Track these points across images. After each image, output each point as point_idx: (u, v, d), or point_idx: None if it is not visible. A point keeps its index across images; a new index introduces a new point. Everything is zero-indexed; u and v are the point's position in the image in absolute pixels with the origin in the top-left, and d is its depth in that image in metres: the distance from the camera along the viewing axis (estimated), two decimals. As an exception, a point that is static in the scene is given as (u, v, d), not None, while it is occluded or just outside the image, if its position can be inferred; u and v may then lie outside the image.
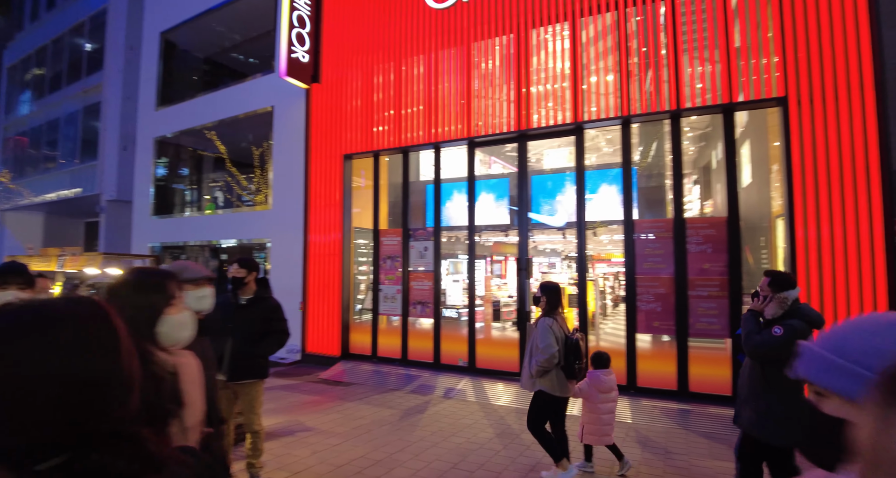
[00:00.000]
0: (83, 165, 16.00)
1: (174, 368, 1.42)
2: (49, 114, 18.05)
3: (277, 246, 9.07)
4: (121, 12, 14.89)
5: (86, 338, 0.62)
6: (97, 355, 0.61)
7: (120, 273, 1.80)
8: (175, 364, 1.41)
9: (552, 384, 3.47)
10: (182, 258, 11.93)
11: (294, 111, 8.85)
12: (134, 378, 0.65)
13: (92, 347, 0.62)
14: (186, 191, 13.13)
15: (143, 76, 12.66)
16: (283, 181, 9.07)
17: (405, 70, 7.50)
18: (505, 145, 7.26)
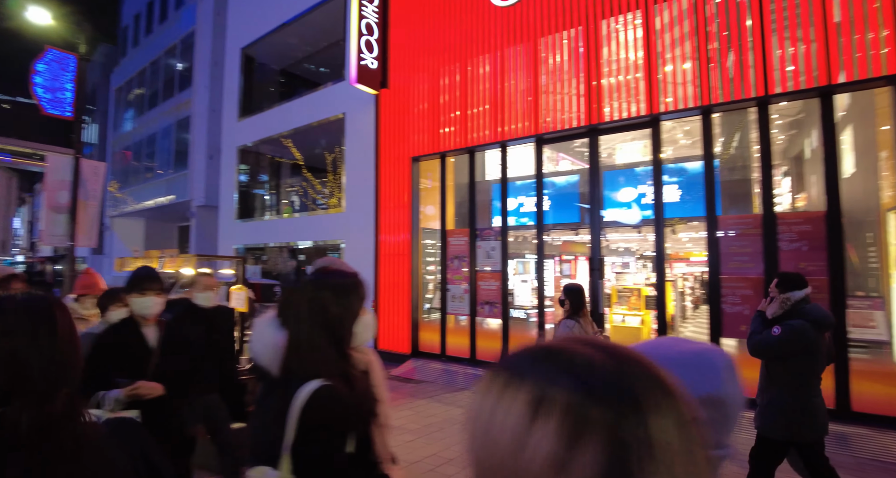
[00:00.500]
0: (176, 173, 17.51)
1: (366, 366, 1.47)
2: (148, 129, 19.93)
3: (350, 247, 9.41)
4: (206, 33, 16.13)
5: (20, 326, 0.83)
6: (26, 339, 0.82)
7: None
8: (366, 363, 1.45)
9: None
10: (264, 259, 12.71)
11: (364, 117, 9.14)
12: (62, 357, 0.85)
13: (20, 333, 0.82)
14: (266, 196, 13.97)
15: (227, 90, 13.62)
16: (354, 185, 9.40)
17: (471, 70, 7.51)
18: (574, 141, 7.06)
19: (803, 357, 2.70)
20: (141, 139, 20.55)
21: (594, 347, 0.45)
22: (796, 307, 2.76)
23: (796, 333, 2.65)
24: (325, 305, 1.30)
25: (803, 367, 2.72)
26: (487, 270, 7.35)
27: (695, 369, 0.66)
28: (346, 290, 1.36)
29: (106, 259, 22.91)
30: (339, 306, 1.31)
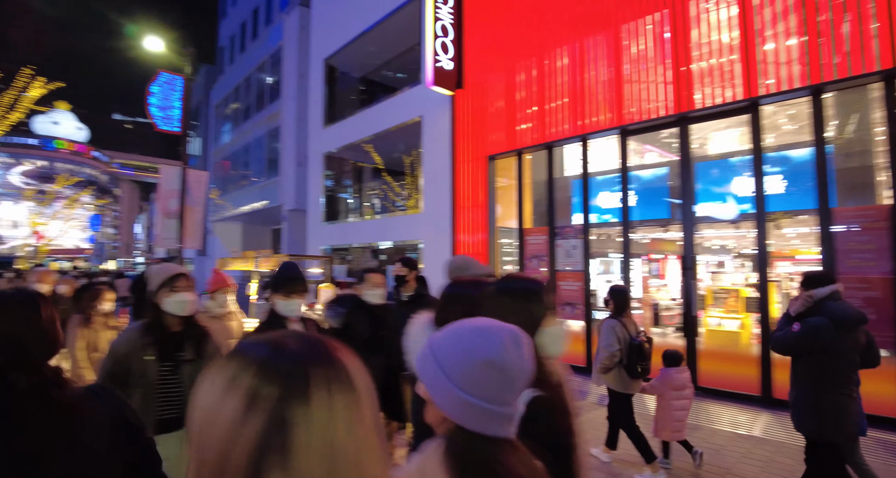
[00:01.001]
0: (269, 180, 18.82)
1: (559, 378, 1.35)
2: (243, 140, 21.63)
3: (429, 247, 9.56)
4: (292, 47, 17.17)
5: (17, 313, 1.07)
6: (24, 323, 1.07)
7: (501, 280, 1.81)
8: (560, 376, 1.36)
9: (615, 381, 3.73)
10: (348, 259, 13.29)
11: (440, 119, 9.25)
12: (48, 336, 1.10)
13: (19, 319, 1.07)
14: (350, 199, 14.61)
15: (312, 100, 14.41)
16: (431, 186, 9.54)
17: (548, 64, 7.33)
18: (661, 131, 6.64)
19: (823, 355, 2.69)
20: (237, 150, 22.36)
21: (298, 338, 0.57)
22: (820, 305, 2.72)
23: (812, 330, 2.65)
24: (503, 311, 1.19)
25: (824, 365, 2.69)
26: (568, 269, 7.12)
27: (480, 336, 0.85)
28: (527, 296, 1.29)
29: (209, 260, 25.18)
30: (520, 314, 1.23)
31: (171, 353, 2.21)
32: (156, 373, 2.13)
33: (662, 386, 3.80)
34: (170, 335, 2.23)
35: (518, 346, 0.86)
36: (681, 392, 3.78)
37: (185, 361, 2.21)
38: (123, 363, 2.11)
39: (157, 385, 2.13)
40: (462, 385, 0.82)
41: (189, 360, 2.22)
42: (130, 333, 2.20)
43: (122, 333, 2.26)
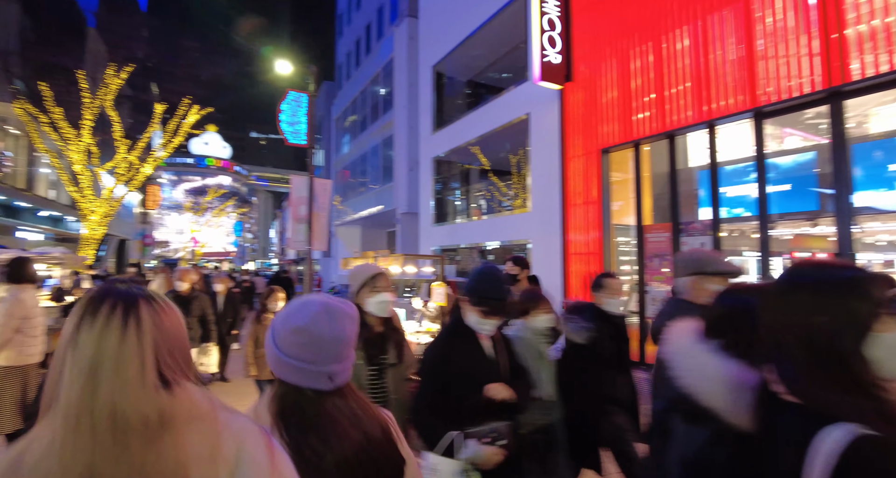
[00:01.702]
0: (383, 186, 19.91)
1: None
2: (361, 150, 23.15)
3: (537, 247, 9.40)
4: (402, 57, 17.98)
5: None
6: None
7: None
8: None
9: None
10: (457, 259, 13.56)
11: (548, 114, 9.05)
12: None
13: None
14: (457, 201, 14.91)
15: (422, 107, 14.97)
16: (539, 184, 9.37)
17: (666, 48, 6.80)
18: (805, 111, 5.81)
19: None
20: (355, 159, 23.99)
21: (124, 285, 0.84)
22: None
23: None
24: (803, 311, 0.89)
25: None
26: (694, 268, 6.52)
27: (297, 307, 1.08)
28: (835, 290, 0.88)
29: (333, 261, 27.32)
30: (825, 314, 0.86)
31: (376, 356, 2.13)
32: (365, 377, 2.07)
33: None
34: (374, 337, 2.15)
35: (330, 317, 1.07)
36: None
37: (388, 365, 2.14)
38: None
39: (367, 390, 2.06)
40: (280, 347, 1.06)
41: (392, 364, 2.15)
42: None
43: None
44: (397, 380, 2.18)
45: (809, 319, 0.86)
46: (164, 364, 0.77)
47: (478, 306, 1.99)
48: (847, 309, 0.86)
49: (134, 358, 0.73)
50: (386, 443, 1.12)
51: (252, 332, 3.92)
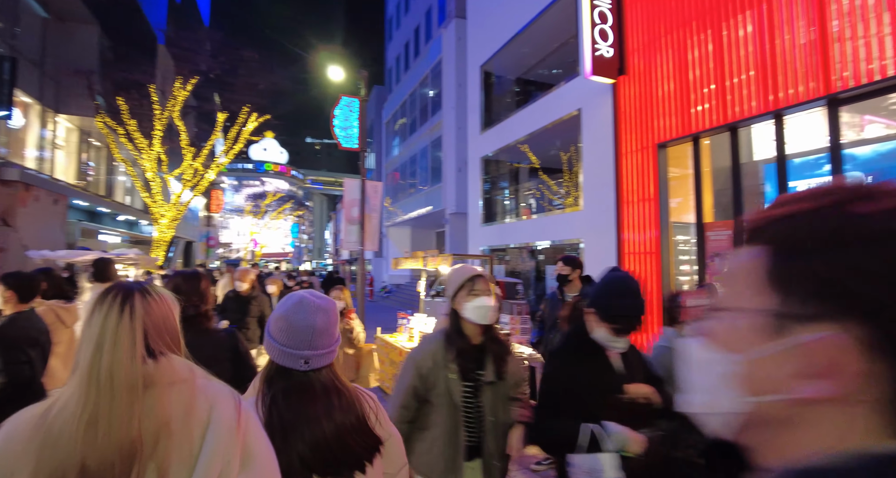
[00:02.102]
0: (432, 187, 20.07)
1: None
2: (410, 152, 23.45)
3: (590, 246, 9.15)
4: (450, 58, 18.06)
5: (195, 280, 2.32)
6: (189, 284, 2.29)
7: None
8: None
9: None
10: (506, 259, 13.45)
11: (600, 110, 8.80)
12: (202, 294, 2.30)
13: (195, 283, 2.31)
14: (506, 201, 14.80)
15: (470, 107, 14.96)
16: (592, 182, 9.12)
17: (727, 35, 6.44)
18: (889, 96, 5.32)
19: None
20: (405, 161, 24.34)
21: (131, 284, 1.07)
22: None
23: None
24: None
25: None
26: (761, 268, 6.13)
27: (283, 301, 1.34)
28: None
29: (384, 261, 27.83)
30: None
31: (472, 371, 1.90)
32: (459, 394, 1.86)
33: None
34: (470, 349, 1.91)
35: (304, 309, 1.28)
36: None
37: (485, 382, 1.91)
38: (429, 380, 1.86)
39: (461, 409, 1.87)
40: (269, 331, 1.29)
41: (489, 382, 1.92)
42: (432, 344, 1.94)
43: (422, 344, 2.01)
44: (496, 399, 1.93)
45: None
46: (151, 341, 1.01)
47: (607, 323, 1.76)
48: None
49: (126, 336, 0.97)
50: (358, 426, 1.29)
51: None
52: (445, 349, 1.88)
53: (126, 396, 0.94)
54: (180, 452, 0.96)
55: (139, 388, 0.95)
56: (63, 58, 16.66)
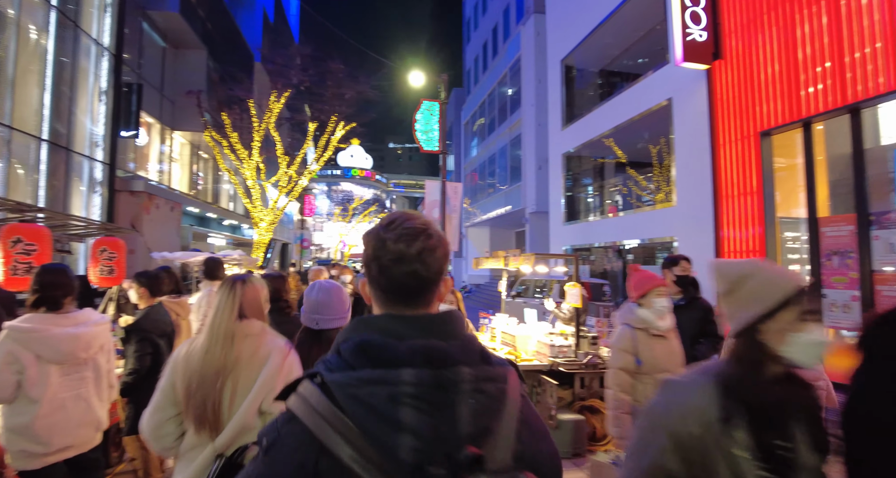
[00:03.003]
0: (511, 186, 19.90)
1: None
2: (489, 152, 23.45)
3: (684, 244, 8.57)
4: (529, 55, 17.79)
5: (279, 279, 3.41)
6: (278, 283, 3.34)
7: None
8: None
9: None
10: (591, 259, 12.98)
11: (693, 98, 8.21)
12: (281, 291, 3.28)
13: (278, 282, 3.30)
14: (590, 198, 14.28)
15: (550, 103, 14.63)
16: (686, 175, 8.54)
17: (845, 5, 5.73)
18: None
19: None
20: (484, 161, 24.37)
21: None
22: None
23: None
24: None
25: None
26: (892, 270, 5.38)
27: (310, 285, 2.41)
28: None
29: (464, 261, 28.06)
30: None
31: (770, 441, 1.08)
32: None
33: None
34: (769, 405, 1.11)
35: (318, 290, 2.14)
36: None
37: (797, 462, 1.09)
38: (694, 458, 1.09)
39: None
40: (302, 305, 2.15)
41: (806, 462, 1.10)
42: (695, 395, 1.14)
43: (671, 393, 1.20)
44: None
45: None
46: (243, 309, 1.75)
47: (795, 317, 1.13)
48: None
49: (229, 306, 1.71)
50: None
51: None
52: (723, 406, 1.09)
53: (223, 340, 1.66)
54: (246, 377, 1.68)
55: (231, 336, 1.68)
56: (177, 81, 18.65)
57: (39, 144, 12.41)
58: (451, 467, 0.62)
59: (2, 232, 2.70)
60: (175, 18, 16.66)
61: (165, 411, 1.66)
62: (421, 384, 0.65)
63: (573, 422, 4.10)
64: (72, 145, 13.68)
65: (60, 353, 2.11)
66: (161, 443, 1.69)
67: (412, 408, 0.64)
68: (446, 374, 0.67)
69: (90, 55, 14.44)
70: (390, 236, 0.76)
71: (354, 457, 0.62)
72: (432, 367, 0.67)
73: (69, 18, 13.32)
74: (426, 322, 0.74)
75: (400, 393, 0.64)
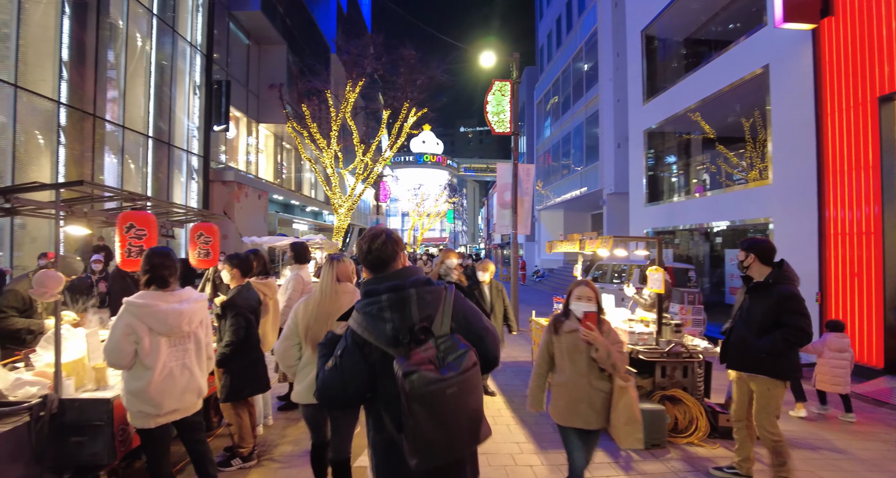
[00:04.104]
0: (587, 167, 19.16)
1: None
2: (563, 131, 22.67)
3: (782, 226, 7.83)
4: (607, 28, 16.86)
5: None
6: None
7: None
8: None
9: None
10: (675, 242, 12.24)
11: (795, 62, 7.39)
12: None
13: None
14: (673, 177, 13.40)
15: (630, 77, 13.80)
16: (784, 150, 7.76)
17: None
18: None
19: None
20: (558, 141, 23.62)
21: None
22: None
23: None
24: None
25: None
26: None
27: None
28: None
29: (536, 245, 27.59)
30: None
31: None
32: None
33: (823, 347, 4.77)
34: None
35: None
36: (840, 354, 4.70)
37: None
38: None
39: None
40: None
41: None
42: None
43: None
44: None
45: None
46: (339, 276, 2.70)
47: None
48: None
49: (330, 274, 2.68)
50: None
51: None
52: None
53: (329, 294, 2.61)
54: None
55: (334, 292, 2.63)
56: (261, 75, 19.75)
57: (146, 140, 13.73)
58: (412, 335, 1.33)
59: (118, 219, 3.02)
60: (257, 16, 17.60)
61: (291, 340, 2.62)
62: (390, 300, 1.40)
63: (652, 412, 3.92)
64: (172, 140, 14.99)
65: (168, 326, 2.34)
66: (286, 362, 2.64)
67: (388, 310, 1.38)
68: (402, 294, 1.40)
69: (185, 56, 15.65)
70: (365, 241, 1.57)
71: (369, 337, 1.37)
72: (394, 292, 1.41)
73: (167, 24, 14.49)
74: (390, 276, 1.50)
75: (381, 305, 1.39)
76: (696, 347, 4.33)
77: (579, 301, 2.63)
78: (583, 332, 2.49)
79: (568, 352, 2.60)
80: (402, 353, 1.30)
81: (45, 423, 2.45)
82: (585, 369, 2.54)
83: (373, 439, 1.48)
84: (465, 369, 1.32)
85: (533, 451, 3.84)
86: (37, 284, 2.61)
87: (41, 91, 10.06)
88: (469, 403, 1.35)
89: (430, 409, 1.27)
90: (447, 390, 1.28)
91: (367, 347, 1.37)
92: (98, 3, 11.51)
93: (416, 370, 1.25)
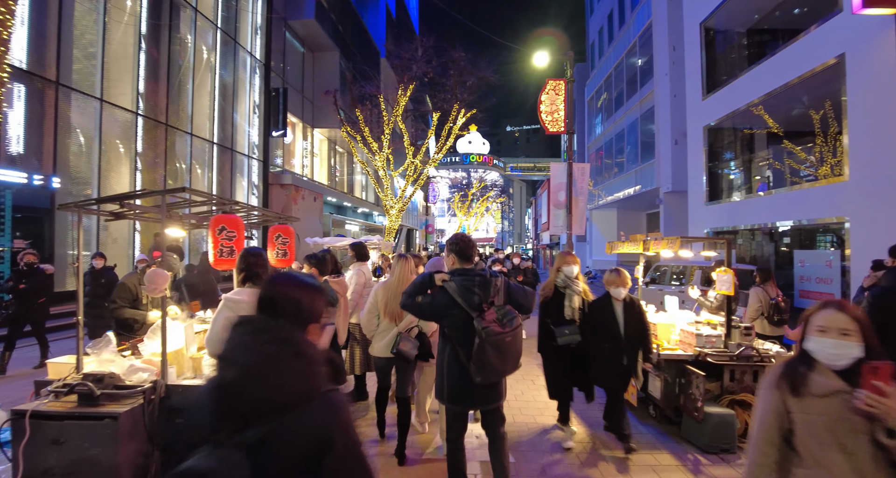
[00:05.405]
0: (642, 164, 18.63)
1: None
2: (616, 128, 22.15)
3: (859, 226, 7.36)
4: (662, 21, 16.34)
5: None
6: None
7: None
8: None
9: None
10: (738, 243, 11.72)
11: (877, 50, 6.94)
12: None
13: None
14: (734, 175, 12.83)
15: (688, 71, 13.34)
16: (863, 143, 7.30)
17: None
18: None
19: None
20: (610, 139, 23.09)
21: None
22: None
23: None
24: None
25: None
26: None
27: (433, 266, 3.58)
28: None
29: (587, 245, 27.05)
30: None
31: None
32: None
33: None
34: None
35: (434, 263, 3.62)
36: None
37: None
38: None
39: None
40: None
41: None
42: None
43: None
44: None
45: None
46: (407, 273, 3.69)
47: None
48: None
49: (402, 267, 3.74)
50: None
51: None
52: None
53: (404, 280, 3.58)
54: None
55: (405, 279, 3.60)
56: (315, 82, 20.46)
57: (211, 146, 14.56)
58: (488, 303, 2.59)
59: (210, 222, 3.30)
60: (311, 25, 18.25)
61: (372, 313, 3.71)
62: (479, 282, 2.63)
63: (720, 416, 3.84)
64: (234, 146, 15.81)
65: (261, 320, 2.56)
66: (368, 328, 3.72)
67: (477, 287, 2.62)
68: (486, 279, 2.65)
69: (246, 66, 16.47)
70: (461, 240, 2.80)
71: (461, 302, 2.59)
72: (482, 277, 2.65)
73: (230, 36, 15.31)
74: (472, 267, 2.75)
75: (475, 283, 2.63)
76: (767, 351, 4.19)
77: (827, 336, 1.47)
78: (865, 400, 1.36)
79: (829, 430, 1.44)
80: (479, 315, 2.53)
81: (155, 405, 2.73)
82: (868, 461, 1.39)
83: (448, 366, 2.64)
84: (515, 326, 2.59)
85: None
86: (148, 282, 2.90)
87: (122, 103, 10.92)
88: (516, 346, 2.60)
89: (495, 348, 2.49)
90: (506, 338, 2.51)
91: (456, 308, 2.58)
92: (170, 21, 12.35)
93: (488, 326, 2.48)
